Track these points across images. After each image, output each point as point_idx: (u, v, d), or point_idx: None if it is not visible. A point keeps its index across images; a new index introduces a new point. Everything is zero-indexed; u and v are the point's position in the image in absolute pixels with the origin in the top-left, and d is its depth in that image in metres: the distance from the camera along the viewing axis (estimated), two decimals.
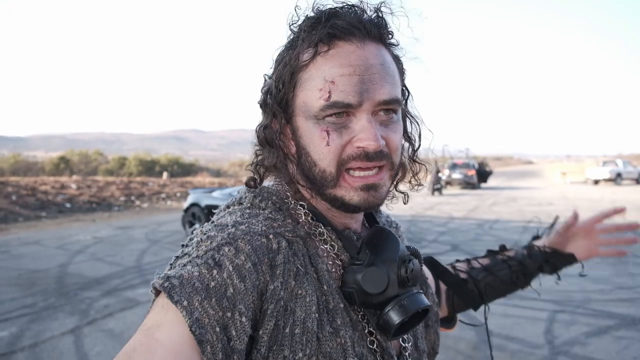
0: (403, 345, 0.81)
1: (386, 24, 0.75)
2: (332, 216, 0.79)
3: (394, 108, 0.73)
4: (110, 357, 4.19)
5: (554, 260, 1.19)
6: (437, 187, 22.99)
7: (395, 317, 0.70)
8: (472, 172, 27.30)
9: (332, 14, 0.72)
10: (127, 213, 16.20)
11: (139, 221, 13.70)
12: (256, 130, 0.80)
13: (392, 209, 0.92)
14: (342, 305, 0.72)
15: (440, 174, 23.65)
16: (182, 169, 37.45)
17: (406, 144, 0.84)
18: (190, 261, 0.64)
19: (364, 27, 0.71)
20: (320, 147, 0.71)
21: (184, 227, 10.47)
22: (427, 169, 0.89)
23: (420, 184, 0.88)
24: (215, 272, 0.62)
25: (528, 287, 1.19)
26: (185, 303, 0.59)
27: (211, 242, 0.66)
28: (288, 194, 0.79)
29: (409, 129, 0.84)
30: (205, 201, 10.12)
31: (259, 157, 0.81)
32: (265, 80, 0.80)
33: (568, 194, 23.54)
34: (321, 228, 0.76)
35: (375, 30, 0.72)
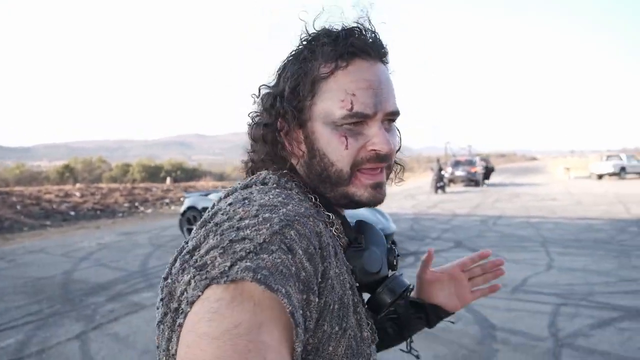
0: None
1: (384, 45, 0.85)
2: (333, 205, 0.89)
3: (395, 118, 0.86)
4: None
5: (423, 312, 1.09)
6: (440, 185, 22.94)
7: (387, 298, 0.83)
8: (475, 169, 27.24)
9: (349, 33, 0.82)
10: (131, 219, 16.25)
11: (143, 226, 13.74)
12: (252, 128, 0.89)
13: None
14: (357, 284, 0.81)
15: (443, 172, 23.60)
16: (186, 174, 37.51)
17: None
18: (260, 248, 0.60)
19: (375, 47, 0.82)
20: (339, 150, 0.80)
21: (182, 231, 10.49)
22: (402, 169, 1.02)
23: (401, 179, 1.03)
24: (290, 256, 0.62)
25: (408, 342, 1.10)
26: (284, 290, 0.58)
27: (271, 225, 0.64)
28: (293, 182, 0.85)
29: None
30: (202, 204, 10.13)
31: (252, 153, 0.91)
32: (260, 90, 0.90)
33: (572, 189, 23.48)
34: (328, 212, 0.85)
35: (381, 51, 0.84)
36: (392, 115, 0.83)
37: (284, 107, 0.83)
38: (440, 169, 23.06)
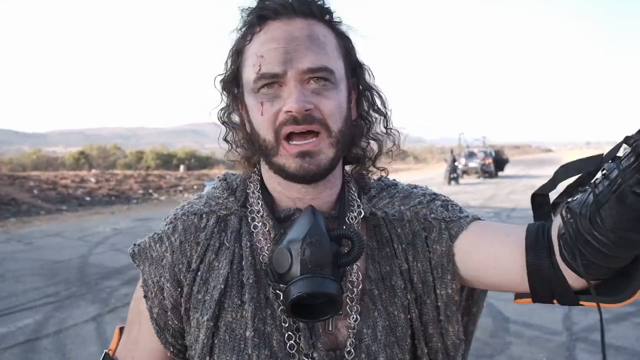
0: (350, 339, 0.77)
1: (320, 3, 0.79)
2: (282, 192, 0.82)
3: (325, 76, 0.75)
4: None
5: None
6: (454, 176, 22.76)
7: (293, 291, 0.68)
8: (489, 160, 26.98)
9: None
10: (145, 205, 16.43)
11: (157, 213, 13.86)
12: (222, 117, 0.88)
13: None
14: (251, 281, 0.76)
15: (456, 163, 23.41)
16: (199, 162, 37.67)
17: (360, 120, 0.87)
18: (151, 235, 0.85)
19: (291, 5, 0.76)
20: (257, 118, 0.76)
21: None
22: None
23: (374, 165, 0.90)
24: (157, 245, 0.82)
25: None
26: (141, 267, 0.83)
27: (165, 219, 0.86)
28: (253, 174, 0.87)
29: (365, 106, 0.87)
30: None
31: (229, 140, 0.91)
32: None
33: None
34: (259, 207, 0.83)
35: (304, 7, 0.76)
36: (316, 73, 0.74)
37: (224, 85, 0.82)
38: (454, 160, 22.87)
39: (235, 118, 0.87)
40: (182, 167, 30.05)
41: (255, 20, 0.77)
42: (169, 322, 0.81)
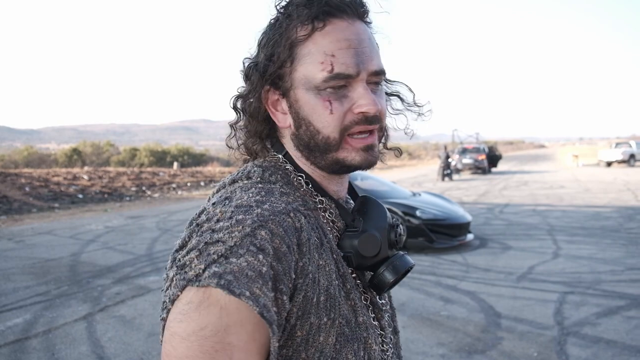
0: (381, 301, 0.88)
1: (365, 4, 0.82)
2: (327, 185, 0.85)
3: (380, 79, 0.81)
4: (122, 342, 4.29)
5: None
6: (447, 172, 22.82)
7: (389, 276, 0.80)
8: (483, 157, 27.09)
9: None
10: (138, 203, 16.33)
11: (150, 211, 13.81)
12: (235, 103, 0.87)
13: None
14: (350, 270, 0.79)
15: (450, 159, 23.47)
16: (193, 159, 37.60)
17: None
18: (230, 251, 0.63)
19: (353, 5, 0.78)
20: (324, 116, 0.77)
21: None
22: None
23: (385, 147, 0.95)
24: (261, 256, 0.63)
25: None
26: (247, 294, 0.61)
27: (243, 227, 0.65)
28: (287, 166, 0.83)
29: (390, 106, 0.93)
30: None
31: (244, 129, 0.87)
32: (244, 64, 0.85)
33: (580, 176, 23.30)
34: (320, 197, 0.82)
35: (362, 9, 0.80)
36: (377, 76, 0.79)
37: (264, 76, 0.80)
38: (448, 157, 22.92)
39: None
40: (175, 164, 29.94)
41: (320, 16, 0.76)
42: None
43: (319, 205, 0.81)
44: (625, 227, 9.44)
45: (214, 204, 0.73)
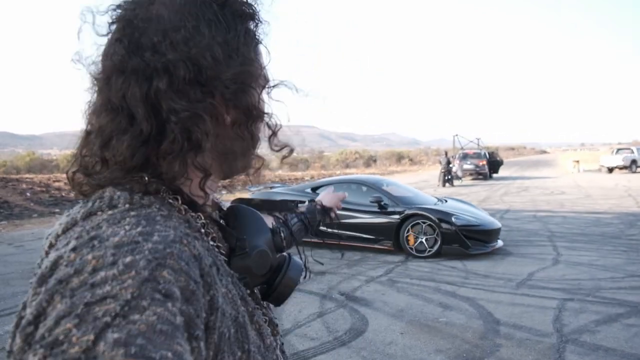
0: (272, 315, 0.82)
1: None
2: (199, 198, 0.69)
3: None
4: None
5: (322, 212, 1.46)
6: (448, 178, 22.81)
7: (290, 285, 0.76)
8: (484, 162, 27.07)
9: None
10: None
11: None
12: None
13: None
14: (247, 292, 0.70)
15: (451, 165, 23.45)
16: None
17: None
18: (128, 307, 0.46)
19: None
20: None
21: None
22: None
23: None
24: (169, 304, 0.49)
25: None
26: (170, 355, 0.45)
27: (137, 272, 0.49)
28: (150, 193, 0.64)
29: None
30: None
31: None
32: None
33: (581, 182, 23.27)
34: (201, 219, 0.68)
35: None
36: None
37: None
38: (449, 162, 22.91)
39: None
40: None
41: None
42: None
43: (202, 231, 0.67)
44: (626, 233, 9.41)
45: (74, 248, 0.52)
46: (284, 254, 0.80)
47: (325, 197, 1.52)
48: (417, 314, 5.03)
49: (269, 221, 1.04)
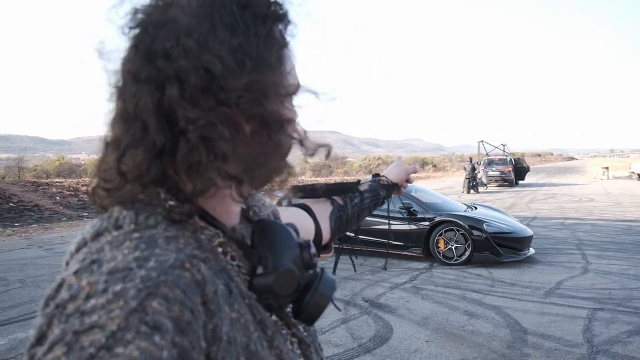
0: (304, 333, 0.75)
1: None
2: (220, 214, 0.66)
3: None
4: None
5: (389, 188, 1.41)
6: (473, 184, 22.53)
7: (320, 304, 0.68)
8: (509, 169, 26.68)
9: None
10: None
11: None
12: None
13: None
14: (268, 314, 0.66)
15: (476, 171, 23.16)
16: None
17: None
18: (113, 339, 0.44)
19: None
20: None
21: None
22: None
23: None
24: (157, 338, 0.46)
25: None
26: None
27: (125, 302, 0.46)
28: (158, 212, 0.60)
29: None
30: None
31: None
32: None
33: (610, 189, 22.71)
34: (219, 237, 0.65)
35: None
36: None
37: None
38: (474, 168, 22.64)
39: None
40: None
41: None
42: None
43: (218, 251, 0.64)
44: None
45: (76, 272, 0.50)
46: (315, 269, 0.72)
47: (392, 170, 1.41)
48: (443, 322, 4.97)
49: (327, 208, 1.09)
